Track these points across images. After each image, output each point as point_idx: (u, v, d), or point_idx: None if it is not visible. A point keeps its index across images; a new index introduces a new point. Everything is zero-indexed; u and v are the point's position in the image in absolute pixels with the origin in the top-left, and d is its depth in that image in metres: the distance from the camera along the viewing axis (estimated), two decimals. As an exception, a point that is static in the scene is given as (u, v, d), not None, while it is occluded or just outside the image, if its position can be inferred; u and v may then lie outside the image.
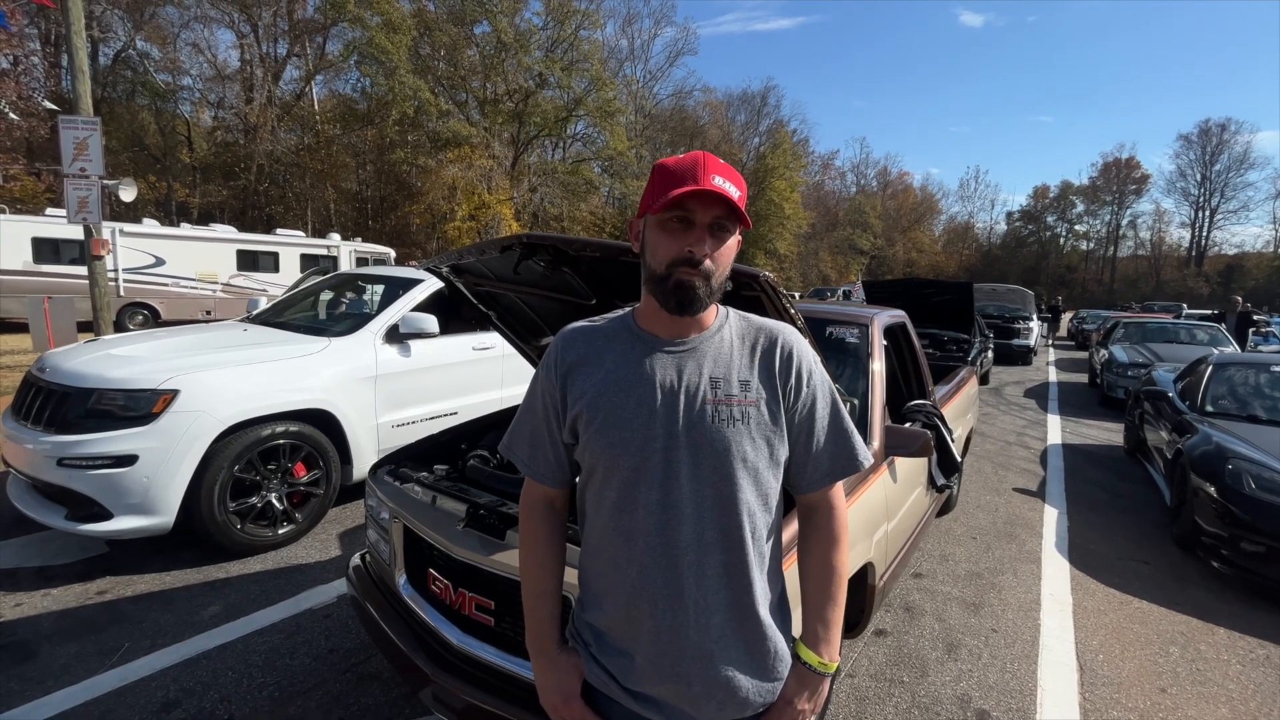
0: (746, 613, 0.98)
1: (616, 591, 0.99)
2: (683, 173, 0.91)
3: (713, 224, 0.94)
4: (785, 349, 1.03)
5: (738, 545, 0.96)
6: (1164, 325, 11.11)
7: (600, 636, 1.03)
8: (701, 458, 0.95)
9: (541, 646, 1.06)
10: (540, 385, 1.06)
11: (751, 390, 0.99)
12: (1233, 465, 3.61)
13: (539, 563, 1.08)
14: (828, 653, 1.03)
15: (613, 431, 0.96)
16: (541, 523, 1.10)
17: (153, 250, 13.06)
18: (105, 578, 3.03)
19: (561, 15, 26.78)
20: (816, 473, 1.05)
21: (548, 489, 1.09)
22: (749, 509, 0.97)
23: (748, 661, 0.98)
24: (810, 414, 1.03)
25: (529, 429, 1.08)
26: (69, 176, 6.80)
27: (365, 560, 2.27)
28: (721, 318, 1.05)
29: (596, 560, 1.03)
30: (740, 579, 0.97)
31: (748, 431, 0.97)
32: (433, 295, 4.29)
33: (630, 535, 0.97)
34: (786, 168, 39.40)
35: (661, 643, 0.96)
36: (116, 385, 2.99)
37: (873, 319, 2.93)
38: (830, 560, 1.05)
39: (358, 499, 4.04)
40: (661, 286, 0.96)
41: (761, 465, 0.98)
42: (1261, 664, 2.75)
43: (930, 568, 3.55)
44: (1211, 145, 55.05)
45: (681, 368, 0.99)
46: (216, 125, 26.97)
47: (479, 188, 24.16)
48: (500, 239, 1.92)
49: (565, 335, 1.07)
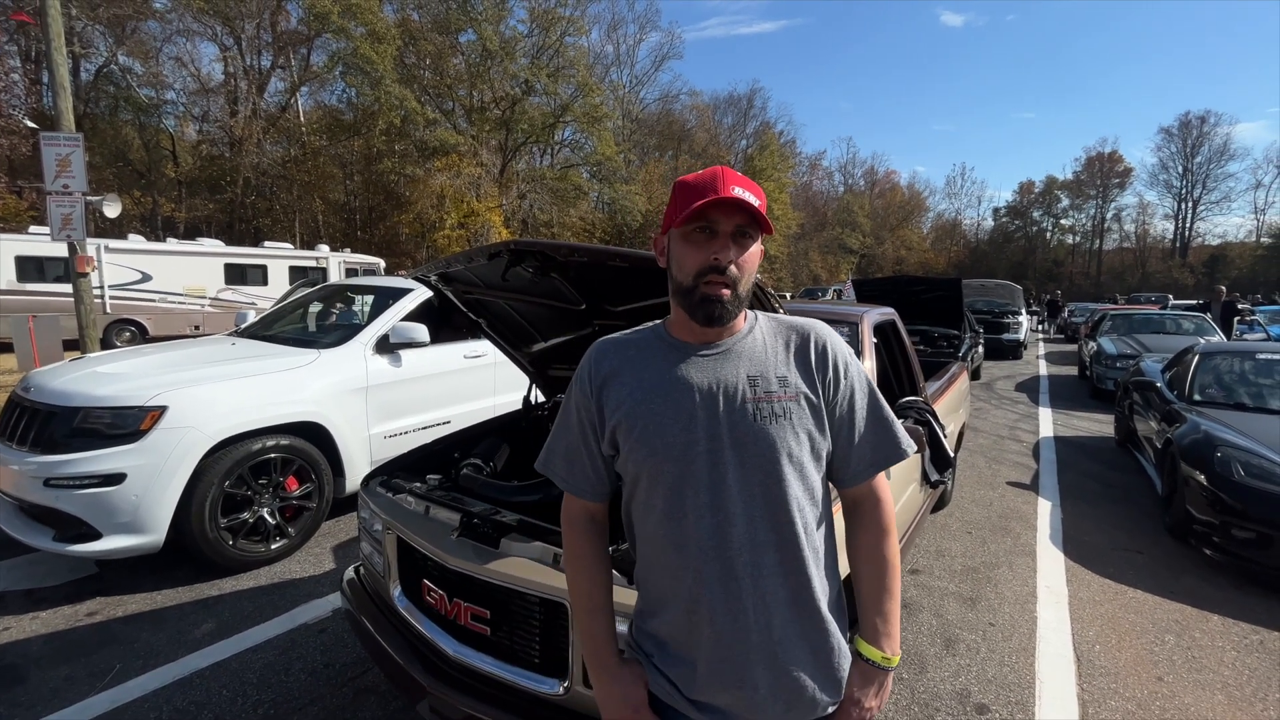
0: (808, 609, 0.97)
1: (674, 600, 0.98)
2: (703, 186, 0.93)
3: (735, 232, 0.95)
4: (819, 343, 1.03)
5: (791, 542, 0.96)
6: (1150, 316, 11.23)
7: (663, 646, 1.01)
8: (747, 457, 0.95)
9: (602, 661, 1.04)
10: (575, 400, 1.06)
11: (790, 386, 0.99)
12: (1221, 453, 3.65)
13: (589, 577, 1.07)
14: (889, 646, 1.02)
15: (654, 439, 0.96)
16: (584, 537, 1.09)
17: (139, 266, 12.94)
18: (95, 599, 2.98)
19: (546, 22, 26.84)
20: (861, 463, 1.04)
21: (588, 503, 1.08)
22: (798, 504, 0.96)
23: (813, 660, 0.97)
24: (850, 406, 1.03)
25: (565, 444, 1.07)
26: (52, 194, 6.74)
27: (359, 573, 2.25)
28: (751, 320, 1.06)
29: (651, 570, 1.02)
30: (798, 575, 0.96)
31: (790, 427, 0.96)
32: (423, 304, 4.28)
33: (682, 543, 0.96)
34: (774, 169, 39.56)
35: (723, 648, 0.95)
36: (103, 403, 2.95)
37: (862, 317, 2.95)
38: (882, 551, 1.04)
39: (351, 511, 4.00)
40: (689, 299, 0.97)
41: (806, 460, 0.98)
42: (1255, 649, 2.77)
43: (926, 563, 3.56)
44: (1192, 138, 55.77)
45: (718, 370, 0.99)
46: (201, 139, 26.78)
47: (468, 196, 24.13)
48: (488, 246, 1.91)
49: (598, 348, 1.07)
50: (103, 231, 15.01)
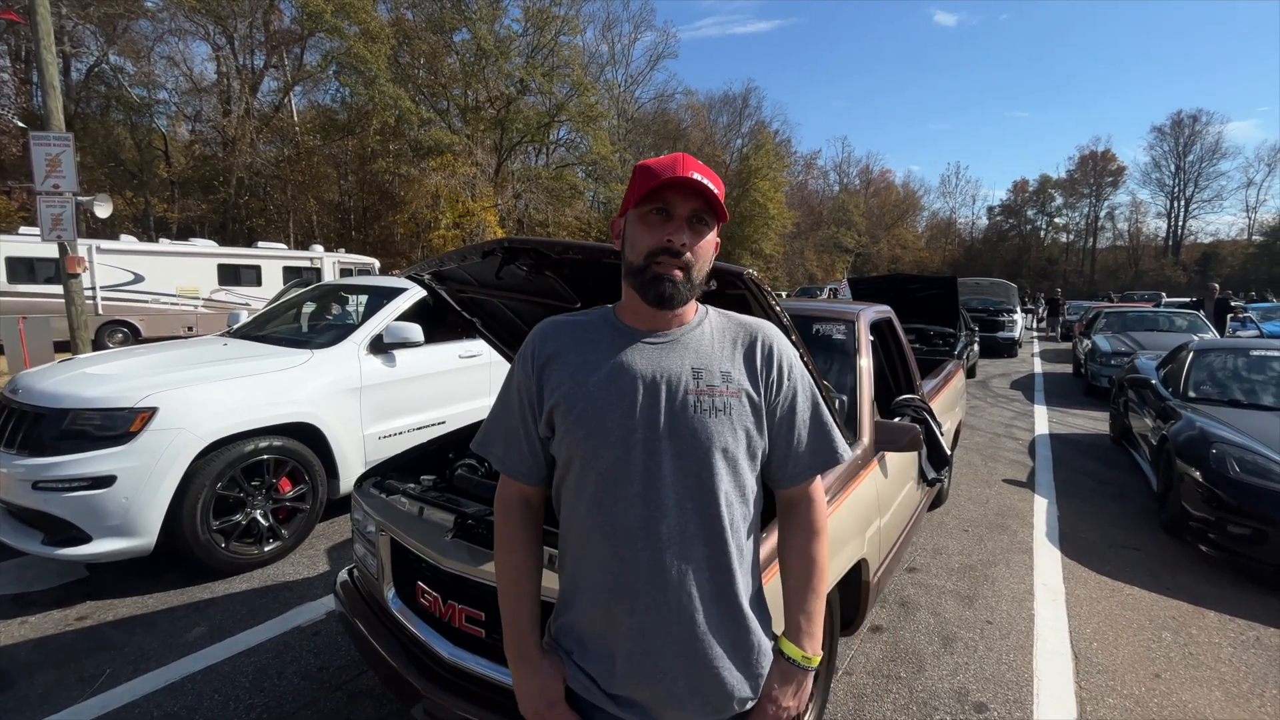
0: (731, 606, 0.98)
1: (596, 589, 0.98)
2: (661, 169, 0.93)
3: (691, 216, 0.95)
4: (766, 343, 1.04)
5: (719, 537, 0.96)
6: (1144, 314, 11.28)
7: (581, 642, 1.01)
8: (683, 449, 0.95)
9: (523, 653, 1.02)
10: (516, 379, 1.04)
11: (733, 382, 0.99)
12: (1216, 449, 3.65)
13: (518, 565, 1.06)
14: (811, 646, 1.03)
15: (591, 423, 0.95)
16: (518, 523, 1.07)
17: (131, 267, 12.85)
18: (85, 602, 2.95)
19: (541, 21, 26.76)
20: (798, 466, 1.06)
21: (523, 486, 1.07)
22: (728, 500, 0.97)
23: (733, 655, 0.98)
24: (791, 408, 1.04)
25: (503, 424, 1.06)
26: (42, 194, 6.69)
27: (353, 575, 2.23)
28: (702, 313, 1.06)
29: (576, 558, 1.01)
30: (723, 571, 0.97)
31: (729, 423, 0.97)
32: (417, 304, 4.25)
33: (610, 530, 0.95)
34: (770, 168, 39.58)
35: (644, 640, 0.94)
36: (92, 405, 2.92)
37: (859, 315, 2.93)
38: (811, 552, 1.06)
39: (345, 513, 3.97)
40: (640, 278, 0.96)
41: (741, 457, 0.98)
42: (1252, 646, 2.77)
43: (924, 562, 3.56)
44: (1184, 136, 56.17)
45: (663, 359, 0.98)
46: (194, 139, 26.62)
47: (463, 195, 24.04)
48: (481, 244, 1.89)
49: (543, 327, 1.06)
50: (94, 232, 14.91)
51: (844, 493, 2.05)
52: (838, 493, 2.01)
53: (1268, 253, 50.81)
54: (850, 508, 2.08)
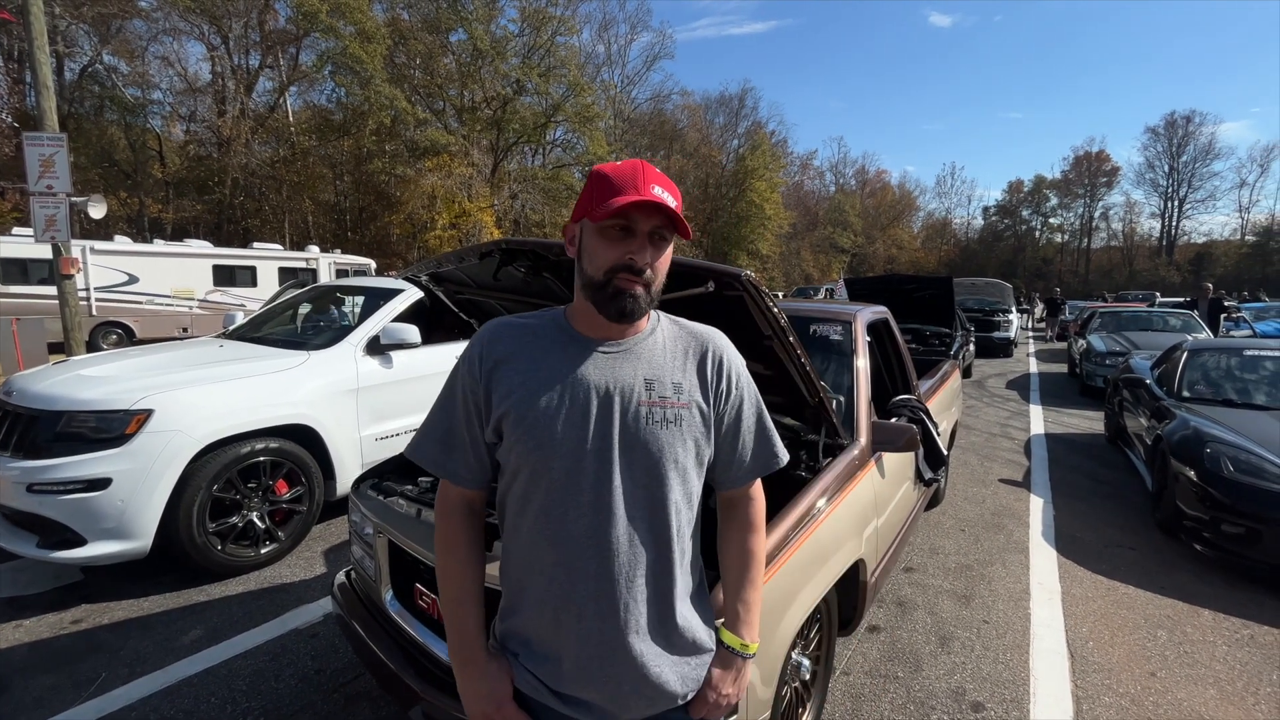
0: (667, 608, 1.00)
1: (543, 596, 0.98)
2: (622, 181, 0.92)
3: (652, 232, 0.95)
4: (716, 354, 1.07)
5: (665, 543, 0.99)
6: (1138, 314, 11.33)
7: (527, 644, 1.01)
8: (635, 459, 0.96)
9: (469, 655, 1.02)
10: (461, 381, 1.02)
11: (684, 393, 1.01)
12: (1211, 449, 3.67)
13: (460, 568, 1.05)
14: (748, 634, 1.07)
15: (543, 433, 0.95)
16: (461, 526, 1.06)
17: (125, 268, 12.79)
18: (81, 606, 2.93)
19: (537, 22, 26.73)
20: (741, 471, 1.09)
21: (465, 490, 1.05)
22: (676, 508, 0.99)
23: (671, 653, 1.00)
24: (738, 416, 1.08)
25: (445, 428, 1.04)
26: (35, 194, 6.65)
27: (350, 577, 2.22)
28: (654, 321, 1.07)
29: (522, 565, 1.01)
30: (665, 576, 1.00)
31: (680, 433, 0.99)
32: (414, 305, 4.24)
33: (558, 539, 0.96)
34: (766, 168, 39.62)
35: (591, 645, 0.96)
36: (87, 407, 2.90)
37: (856, 316, 2.94)
38: (748, 545, 1.11)
39: (342, 515, 3.96)
40: (601, 293, 0.96)
41: (690, 466, 1.01)
42: (1246, 644, 2.79)
43: (921, 561, 3.57)
44: (1178, 137, 56.44)
45: (616, 370, 0.99)
46: (189, 139, 26.47)
47: (459, 196, 24.00)
48: (479, 245, 1.89)
49: (490, 329, 1.04)
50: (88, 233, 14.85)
51: (841, 493, 2.06)
52: (835, 493, 2.01)
53: (1260, 253, 51.12)
54: (848, 508, 2.09)
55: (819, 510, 1.88)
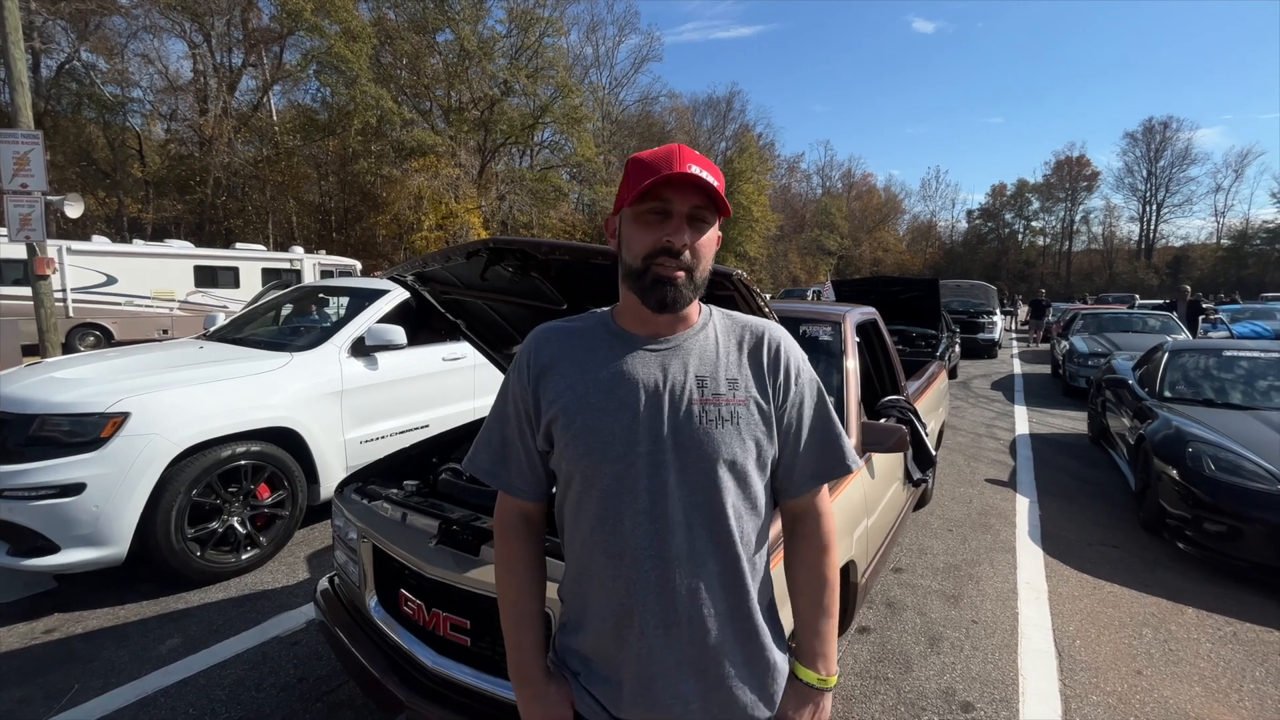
0: (745, 622, 0.93)
1: (604, 612, 0.93)
2: (657, 163, 0.88)
3: (691, 214, 0.90)
4: (773, 345, 1.00)
5: (730, 552, 0.92)
6: (1119, 315, 11.51)
7: (588, 663, 0.96)
8: (689, 462, 0.90)
9: (528, 676, 0.97)
10: (511, 390, 0.99)
11: (740, 389, 0.94)
12: (1193, 448, 3.72)
13: (520, 586, 1.00)
14: (825, 668, 0.99)
15: (592, 437, 0.90)
16: (518, 540, 1.02)
17: (104, 268, 12.52)
18: (54, 615, 2.85)
19: (525, 23, 26.62)
20: (803, 475, 1.00)
21: (523, 503, 1.01)
22: (738, 513, 0.92)
23: (747, 674, 0.94)
24: (799, 413, 1.00)
25: (498, 439, 1.00)
26: (10, 193, 6.50)
27: (334, 583, 2.18)
28: (706, 315, 1.01)
29: (580, 579, 0.96)
30: (736, 588, 0.92)
31: (736, 432, 0.92)
32: (400, 306, 4.18)
33: (616, 550, 0.91)
34: (753, 171, 39.81)
35: (653, 663, 0.90)
36: (61, 410, 2.82)
37: (845, 316, 2.94)
38: (821, 570, 1.01)
39: (325, 519, 3.90)
40: (640, 282, 0.91)
41: (750, 468, 0.94)
42: (1230, 641, 2.82)
43: (909, 562, 3.57)
44: (1155, 143, 57.52)
45: (665, 367, 0.94)
46: (169, 138, 26.04)
47: (446, 197, 23.83)
48: (466, 244, 1.86)
49: (538, 335, 1.01)
50: (65, 233, 14.51)
51: (832, 494, 2.05)
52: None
53: (1236, 256, 52.24)
54: (838, 509, 2.08)
55: (810, 511, 1.87)
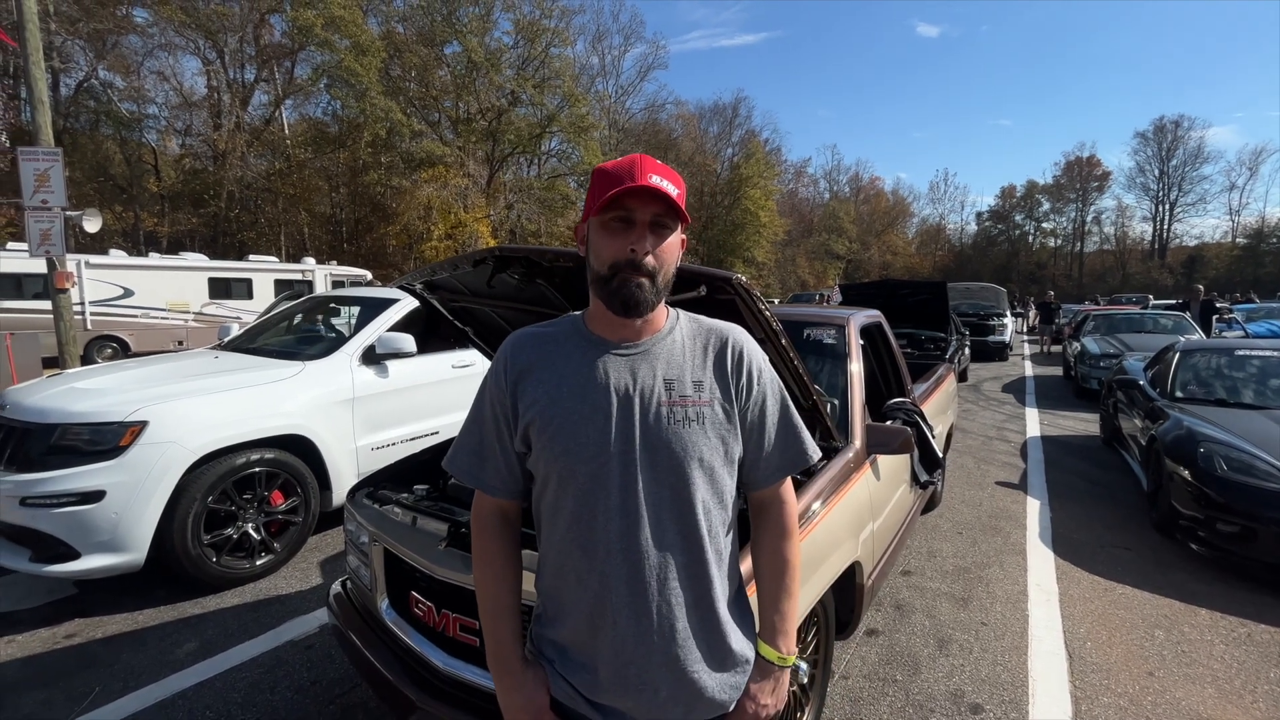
0: (709, 612, 0.99)
1: (578, 604, 0.98)
2: (620, 174, 0.93)
3: (653, 221, 0.95)
4: (736, 348, 1.05)
5: (696, 545, 0.97)
6: (1131, 316, 11.39)
7: (563, 652, 1.02)
8: (658, 460, 0.96)
9: (507, 665, 1.02)
10: (489, 393, 1.04)
11: (705, 390, 1.00)
12: (1204, 449, 3.69)
13: (497, 579, 1.05)
14: (785, 645, 1.05)
15: (567, 440, 0.96)
16: (496, 536, 1.07)
17: (120, 281, 12.78)
18: (74, 620, 2.91)
19: (531, 34, 26.93)
20: (769, 469, 1.07)
21: (500, 501, 1.06)
22: (705, 507, 0.98)
23: (711, 660, 0.99)
24: (761, 411, 1.05)
25: (476, 440, 1.06)
26: (30, 209, 6.65)
27: (346, 587, 2.22)
28: (673, 319, 1.06)
29: (556, 573, 1.01)
30: (701, 579, 0.98)
31: (703, 431, 0.98)
32: (410, 314, 4.24)
33: (590, 545, 0.96)
34: (760, 176, 39.85)
35: (626, 653, 0.95)
36: (81, 419, 2.90)
37: (848, 319, 2.96)
38: (783, 552, 1.07)
39: (338, 525, 3.95)
40: (606, 288, 0.96)
41: (717, 464, 1.00)
42: (1243, 642, 2.79)
43: (918, 564, 3.56)
44: (1167, 142, 57.02)
45: (635, 370, 0.99)
46: (184, 153, 26.53)
47: (455, 206, 24.07)
48: (473, 253, 1.90)
49: (514, 340, 1.06)
50: (84, 247, 14.80)
51: (836, 495, 2.06)
52: (830, 495, 2.02)
53: (1252, 254, 51.52)
54: (843, 510, 2.09)
55: (814, 512, 1.89)
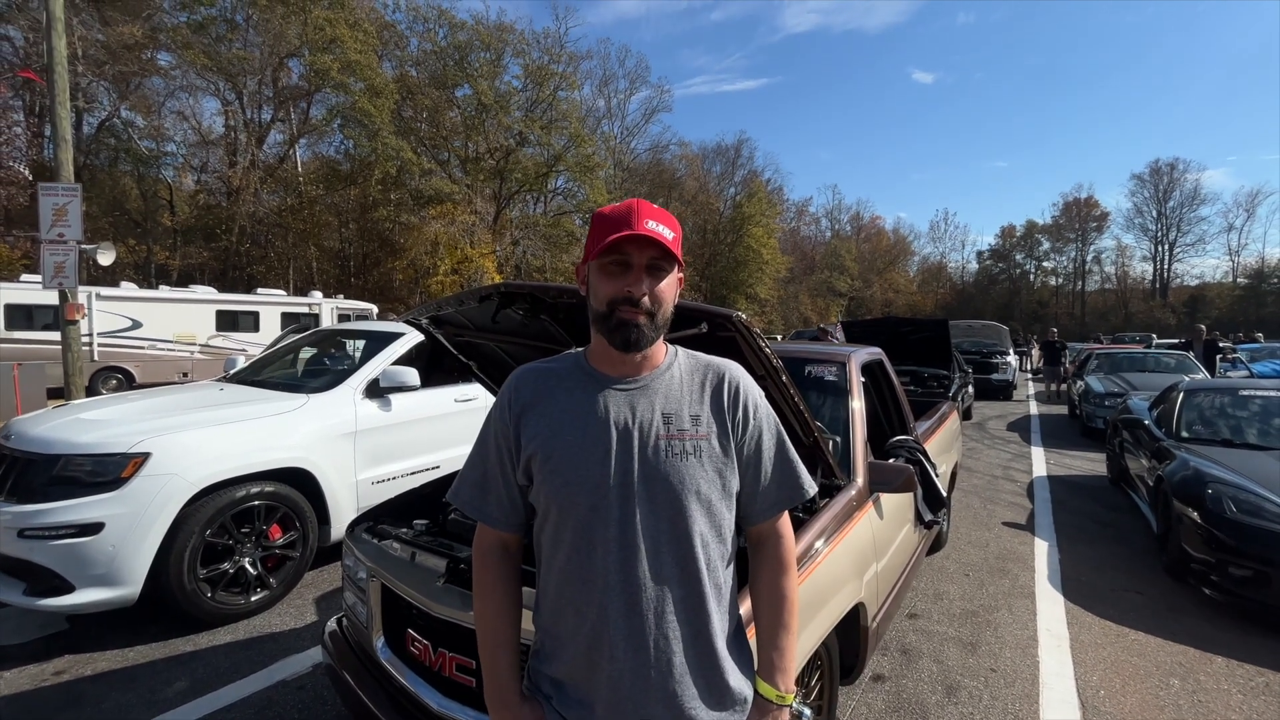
0: (707, 648, 0.99)
1: (576, 636, 0.98)
2: (618, 219, 0.97)
3: (649, 265, 0.99)
4: (732, 384, 1.08)
5: (694, 578, 0.98)
6: (1134, 355, 11.40)
7: (560, 687, 1.01)
8: (656, 493, 0.97)
9: (504, 699, 1.02)
10: (493, 427, 1.07)
11: (702, 424, 1.03)
12: (1213, 490, 3.65)
13: (497, 611, 1.06)
14: (784, 682, 1.04)
15: (568, 471, 0.98)
16: (497, 569, 1.08)
17: (129, 313, 12.92)
18: (64, 656, 2.86)
19: (540, 78, 27.84)
20: (765, 502, 1.08)
21: (502, 534, 1.08)
22: (703, 540, 0.99)
23: (708, 698, 0.98)
24: (758, 446, 1.07)
25: (480, 473, 1.08)
26: (46, 241, 6.80)
27: (342, 624, 2.18)
28: (671, 355, 1.10)
29: (555, 606, 1.02)
30: (699, 613, 0.98)
31: (700, 465, 1.00)
32: (414, 348, 4.28)
33: (589, 577, 0.97)
34: (763, 215, 40.53)
35: (623, 688, 0.95)
36: (84, 450, 2.90)
37: (850, 357, 2.97)
38: (781, 587, 1.08)
39: (334, 561, 3.90)
40: (606, 324, 1.00)
41: (715, 497, 1.01)
42: (1262, 692, 2.71)
43: (924, 607, 3.49)
44: (1163, 184, 57.87)
45: (634, 405, 1.02)
46: (199, 189, 27.17)
47: (461, 242, 24.47)
48: (478, 289, 1.94)
49: (518, 376, 1.09)
50: (94, 279, 15.03)
51: (839, 534, 2.04)
52: (833, 534, 2.00)
53: (1253, 294, 51.70)
54: (846, 549, 2.07)
55: (817, 551, 1.87)
